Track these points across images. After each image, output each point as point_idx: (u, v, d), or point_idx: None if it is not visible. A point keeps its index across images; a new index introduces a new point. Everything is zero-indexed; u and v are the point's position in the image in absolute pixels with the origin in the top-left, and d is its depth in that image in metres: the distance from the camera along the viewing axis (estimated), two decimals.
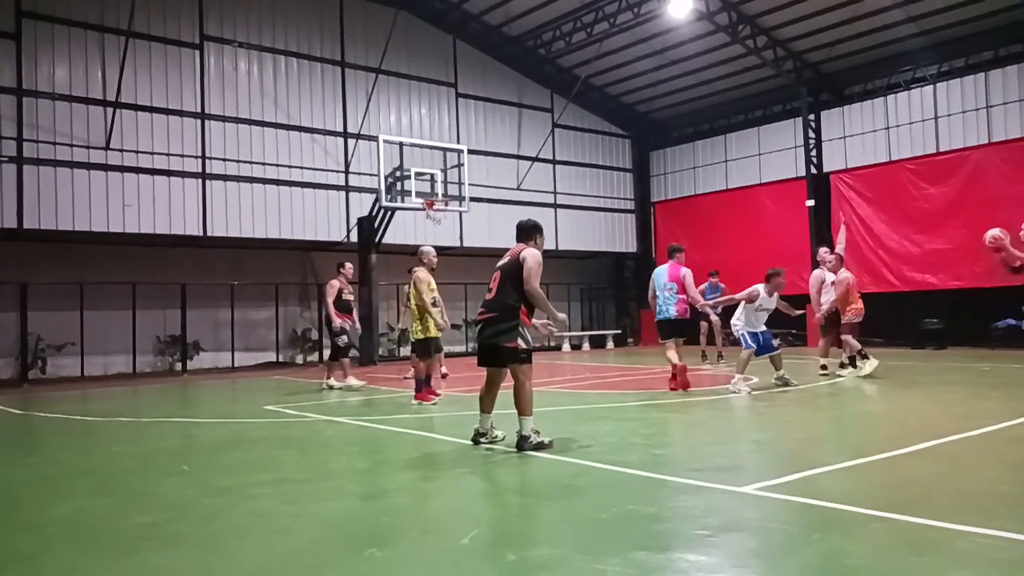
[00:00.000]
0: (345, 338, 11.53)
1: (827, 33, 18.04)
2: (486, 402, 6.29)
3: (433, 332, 9.45)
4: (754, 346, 9.71)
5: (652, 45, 19.77)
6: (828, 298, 11.06)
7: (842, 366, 11.20)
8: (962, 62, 17.65)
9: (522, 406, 6.02)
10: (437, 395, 9.51)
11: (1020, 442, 5.99)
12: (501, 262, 6.31)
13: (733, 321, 10.05)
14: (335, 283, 11.60)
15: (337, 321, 11.36)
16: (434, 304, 9.51)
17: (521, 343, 6.05)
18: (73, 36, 15.12)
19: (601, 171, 23.55)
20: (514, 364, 6.07)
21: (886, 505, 3.97)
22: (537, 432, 6.01)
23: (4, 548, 3.82)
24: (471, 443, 6.26)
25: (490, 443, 6.23)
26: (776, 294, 9.83)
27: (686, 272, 9.94)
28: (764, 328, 9.90)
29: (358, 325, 12.21)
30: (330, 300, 11.45)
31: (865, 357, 10.77)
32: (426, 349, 9.49)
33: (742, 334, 9.85)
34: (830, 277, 11.18)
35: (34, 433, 8.67)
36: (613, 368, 14.99)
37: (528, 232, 6.55)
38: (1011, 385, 9.88)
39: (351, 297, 11.88)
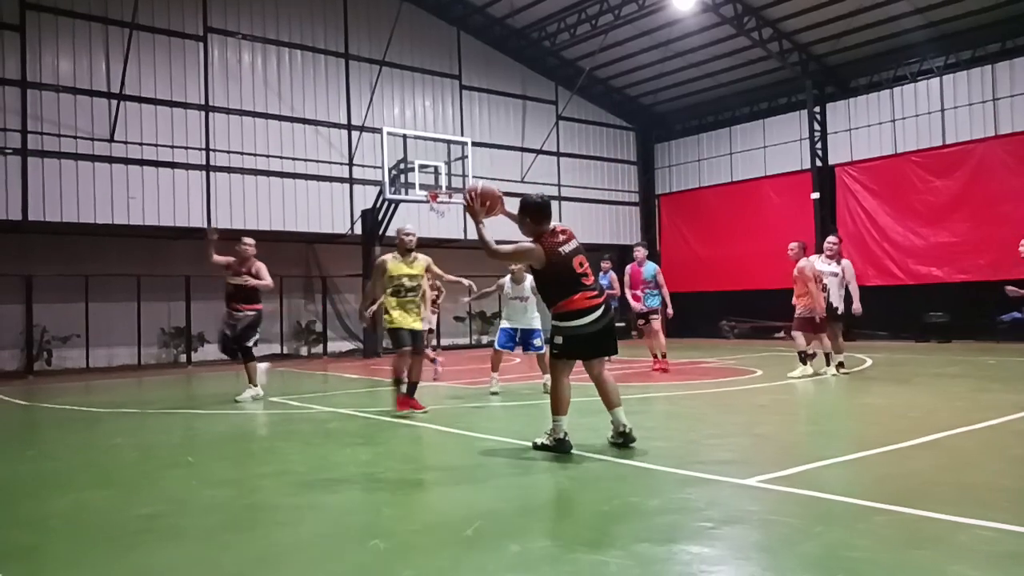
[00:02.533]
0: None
1: (833, 25, 17.95)
2: (612, 396, 5.66)
3: (398, 321, 7.79)
4: None
5: (657, 37, 19.70)
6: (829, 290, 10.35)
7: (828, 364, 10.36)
8: (968, 54, 17.55)
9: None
10: (421, 408, 7.78)
11: (1023, 436, 5.97)
12: (575, 245, 5.68)
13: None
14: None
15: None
16: (396, 293, 7.80)
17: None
18: (77, 28, 15.12)
19: (605, 164, 23.50)
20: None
21: (888, 498, 3.96)
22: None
23: (4, 540, 3.83)
24: (614, 446, 5.56)
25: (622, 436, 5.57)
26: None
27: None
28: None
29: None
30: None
31: (803, 362, 10.09)
32: (392, 340, 7.93)
33: None
34: (824, 268, 10.47)
35: (37, 425, 8.70)
36: (615, 360, 14.98)
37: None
38: (1015, 379, 9.85)
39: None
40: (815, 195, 19.57)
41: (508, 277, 9.46)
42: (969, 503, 3.89)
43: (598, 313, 5.54)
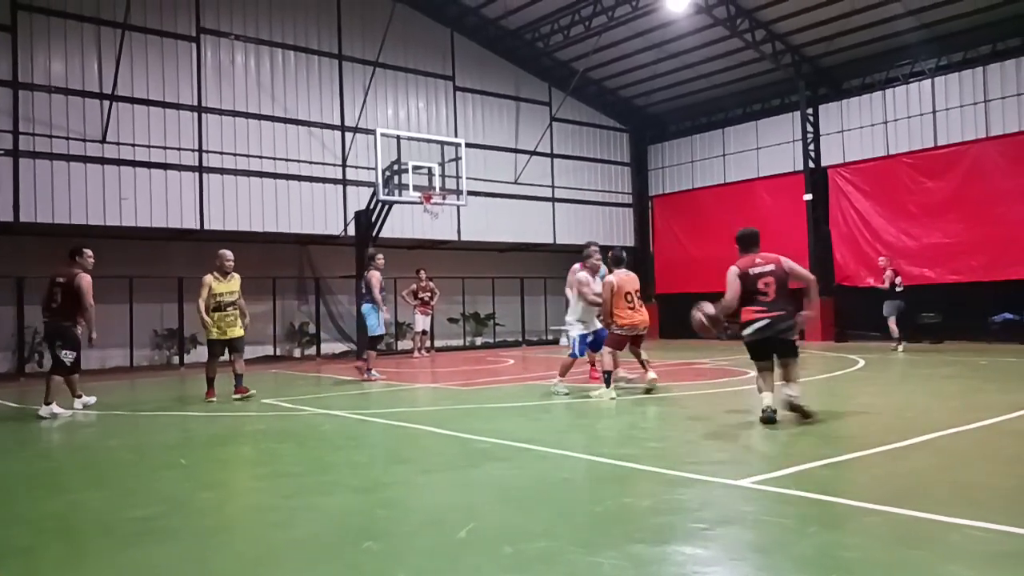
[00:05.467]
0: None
1: (826, 27, 18.00)
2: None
3: (214, 334, 9.57)
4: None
5: (650, 39, 19.72)
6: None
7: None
8: (960, 56, 17.63)
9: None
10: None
11: (1015, 436, 6.00)
12: (769, 268, 6.95)
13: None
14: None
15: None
16: (217, 308, 9.54)
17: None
18: (69, 29, 15.05)
19: (599, 165, 23.51)
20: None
21: (881, 498, 3.98)
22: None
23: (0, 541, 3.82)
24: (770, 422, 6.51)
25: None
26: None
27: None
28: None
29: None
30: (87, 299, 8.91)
31: (607, 384, 8.83)
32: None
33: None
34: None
35: (29, 427, 8.66)
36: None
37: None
38: (1007, 379, 9.89)
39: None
40: (808, 196, 19.63)
41: (588, 275, 9.17)
42: (962, 503, 3.91)
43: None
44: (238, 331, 9.76)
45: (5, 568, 3.37)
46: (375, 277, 12.08)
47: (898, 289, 15.20)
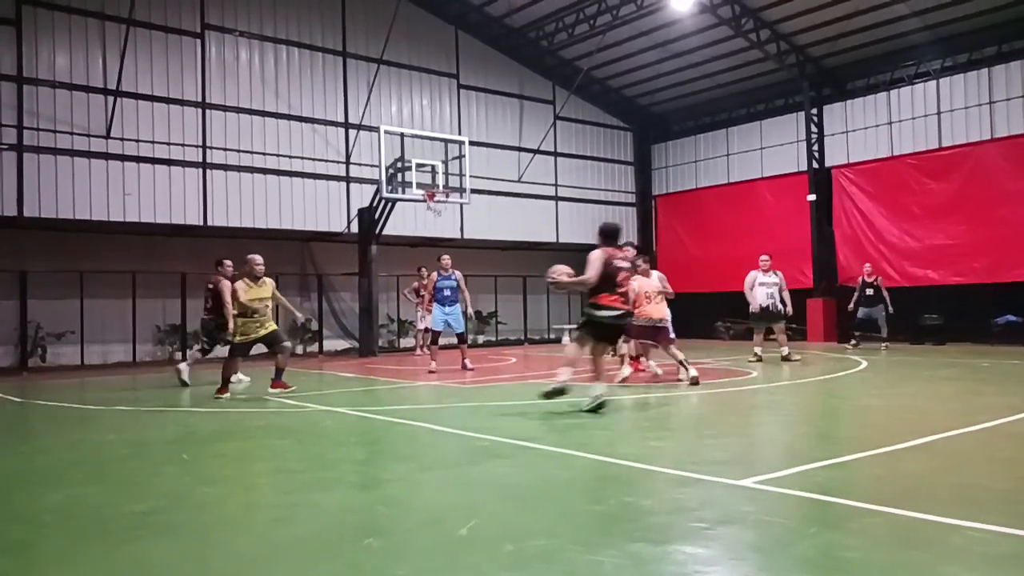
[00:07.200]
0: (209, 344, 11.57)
1: (830, 27, 17.98)
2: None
3: (238, 338, 9.58)
4: None
5: (654, 38, 19.71)
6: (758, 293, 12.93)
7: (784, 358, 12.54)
8: (965, 57, 17.60)
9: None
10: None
11: (1016, 438, 5.99)
12: (627, 265, 7.85)
13: None
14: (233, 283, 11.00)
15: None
16: (245, 314, 9.49)
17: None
18: (74, 23, 15.07)
19: (602, 164, 23.50)
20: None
21: (882, 499, 3.97)
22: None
23: None
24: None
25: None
26: None
27: None
28: None
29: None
30: (227, 301, 10.74)
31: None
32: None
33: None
34: (762, 278, 12.96)
35: (31, 421, 8.68)
36: (613, 360, 14.97)
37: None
38: (1009, 381, 9.88)
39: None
40: (811, 197, 19.60)
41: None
42: (963, 505, 3.90)
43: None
44: (271, 326, 9.67)
45: (2, 562, 3.37)
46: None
47: (869, 293, 15.71)
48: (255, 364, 12.18)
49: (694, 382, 9.39)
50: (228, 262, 11.48)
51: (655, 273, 10.65)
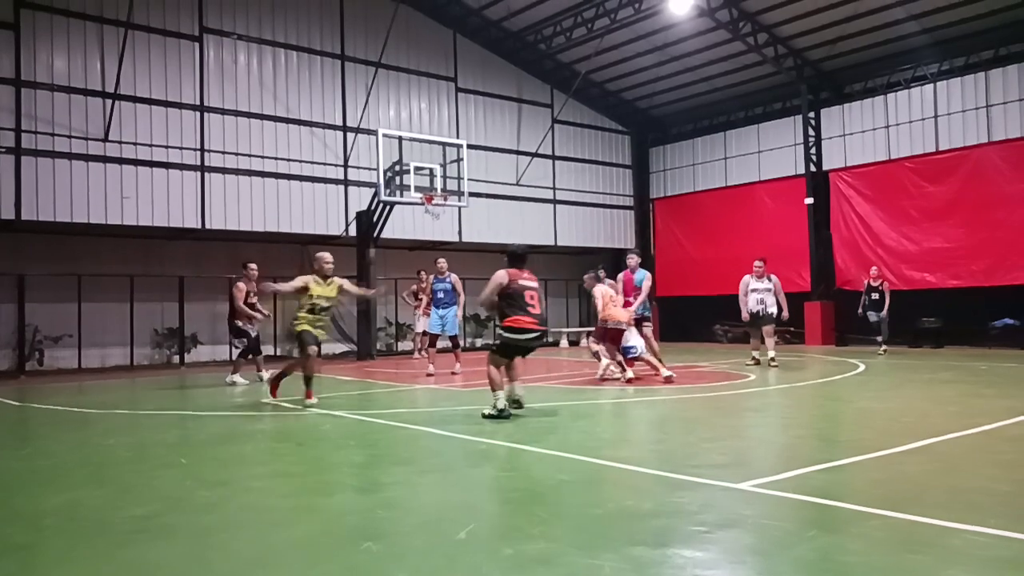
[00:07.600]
0: (246, 340, 11.85)
1: (828, 31, 18.01)
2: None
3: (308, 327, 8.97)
4: None
5: (653, 41, 19.73)
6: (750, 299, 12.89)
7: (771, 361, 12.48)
8: (962, 61, 17.64)
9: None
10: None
11: (1015, 441, 5.99)
12: (535, 284, 7.68)
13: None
14: (242, 286, 11.65)
15: (238, 323, 11.74)
16: (312, 311, 9.05)
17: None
18: (72, 27, 15.07)
19: (600, 167, 23.51)
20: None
21: (881, 502, 3.97)
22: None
23: None
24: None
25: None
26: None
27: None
28: None
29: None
30: (239, 303, 11.55)
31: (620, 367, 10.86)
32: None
33: None
34: (755, 283, 12.94)
35: (29, 424, 8.66)
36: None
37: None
38: (1007, 384, 9.89)
39: (255, 300, 11.86)
40: (809, 200, 19.63)
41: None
42: (962, 508, 3.90)
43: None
44: (323, 333, 9.37)
45: (3, 565, 3.37)
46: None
47: (875, 297, 15.58)
48: (254, 364, 12.16)
49: (628, 382, 10.29)
50: (253, 265, 11.78)
51: (641, 271, 11.56)
